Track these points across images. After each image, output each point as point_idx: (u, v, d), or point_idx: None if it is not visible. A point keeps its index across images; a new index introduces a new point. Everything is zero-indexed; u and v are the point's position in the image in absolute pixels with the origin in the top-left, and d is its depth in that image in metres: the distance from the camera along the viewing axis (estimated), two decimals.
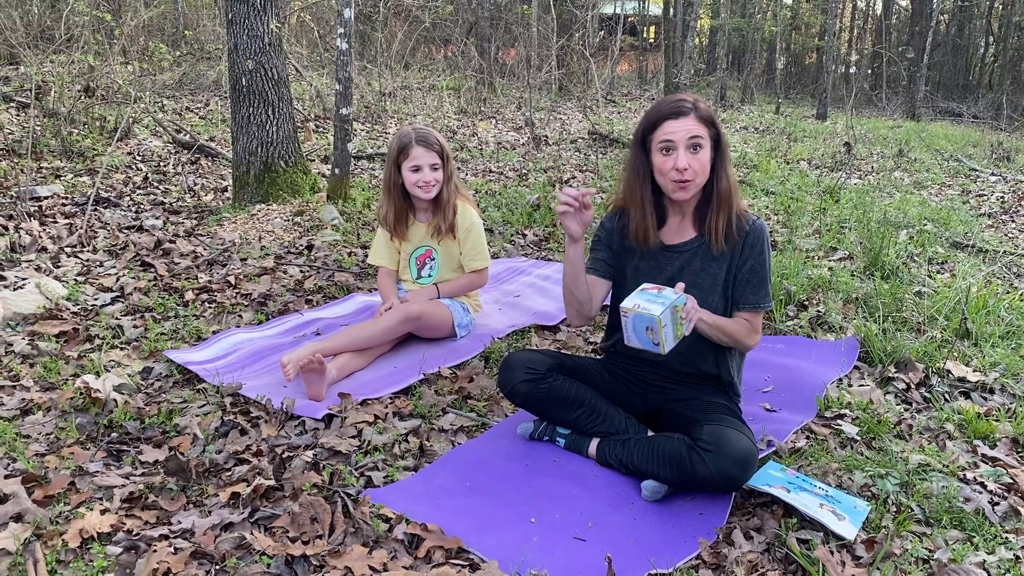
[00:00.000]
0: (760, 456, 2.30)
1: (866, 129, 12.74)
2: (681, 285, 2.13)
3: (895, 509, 2.14)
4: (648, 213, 2.36)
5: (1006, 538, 2.03)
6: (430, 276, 3.39)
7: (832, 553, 1.90)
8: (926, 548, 1.97)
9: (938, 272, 4.36)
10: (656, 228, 2.38)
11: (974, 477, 2.30)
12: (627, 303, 2.07)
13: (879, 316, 3.51)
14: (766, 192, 6.70)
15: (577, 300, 2.39)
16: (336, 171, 5.24)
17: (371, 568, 1.86)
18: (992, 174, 8.52)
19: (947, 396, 2.85)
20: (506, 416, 2.68)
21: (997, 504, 2.18)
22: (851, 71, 25.07)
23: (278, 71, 5.06)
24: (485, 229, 3.82)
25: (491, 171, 7.50)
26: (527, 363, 2.41)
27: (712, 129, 2.26)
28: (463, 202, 3.32)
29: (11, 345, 3.03)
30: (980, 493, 2.21)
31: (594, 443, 2.41)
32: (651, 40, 25.76)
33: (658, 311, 2.01)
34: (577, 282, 2.36)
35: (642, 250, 2.41)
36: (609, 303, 2.53)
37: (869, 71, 24.23)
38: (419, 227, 3.36)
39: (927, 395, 2.86)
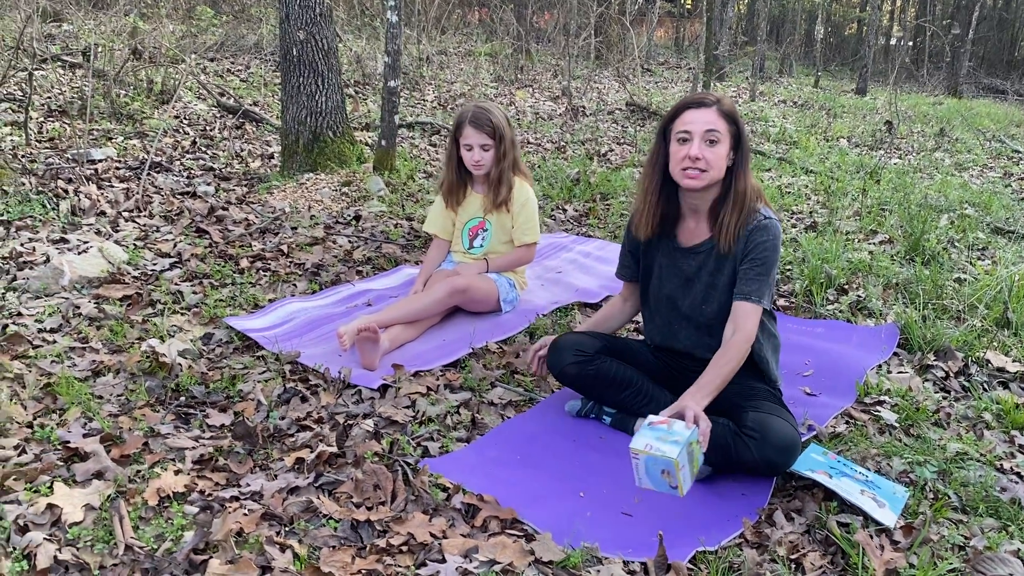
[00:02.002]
0: (802, 439, 2.38)
1: (907, 106, 12.58)
2: (691, 416, 2.02)
3: (932, 496, 2.21)
4: (649, 204, 2.42)
5: None
6: (481, 247, 3.48)
7: (871, 537, 1.98)
8: (962, 535, 2.04)
9: (979, 259, 4.37)
10: (654, 222, 2.43)
11: (1011, 467, 2.37)
12: (637, 444, 1.93)
13: (919, 303, 3.55)
14: (806, 171, 6.69)
15: (614, 328, 2.76)
16: (383, 142, 5.33)
17: (431, 535, 1.97)
18: None
19: (986, 386, 2.91)
20: (553, 392, 2.78)
21: None
22: (892, 44, 24.62)
23: (328, 41, 5.14)
24: None
25: (529, 142, 7.54)
26: (576, 345, 2.51)
27: (733, 126, 2.27)
28: (520, 179, 3.40)
29: (79, 308, 3.16)
30: (1016, 483, 2.27)
31: (640, 421, 2.50)
32: (688, 6, 25.42)
33: (675, 452, 1.88)
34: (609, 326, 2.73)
35: (662, 247, 2.49)
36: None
37: (910, 44, 23.78)
38: (474, 198, 3.46)
39: (966, 384, 2.91)
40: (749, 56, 18.08)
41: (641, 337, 2.88)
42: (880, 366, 3.03)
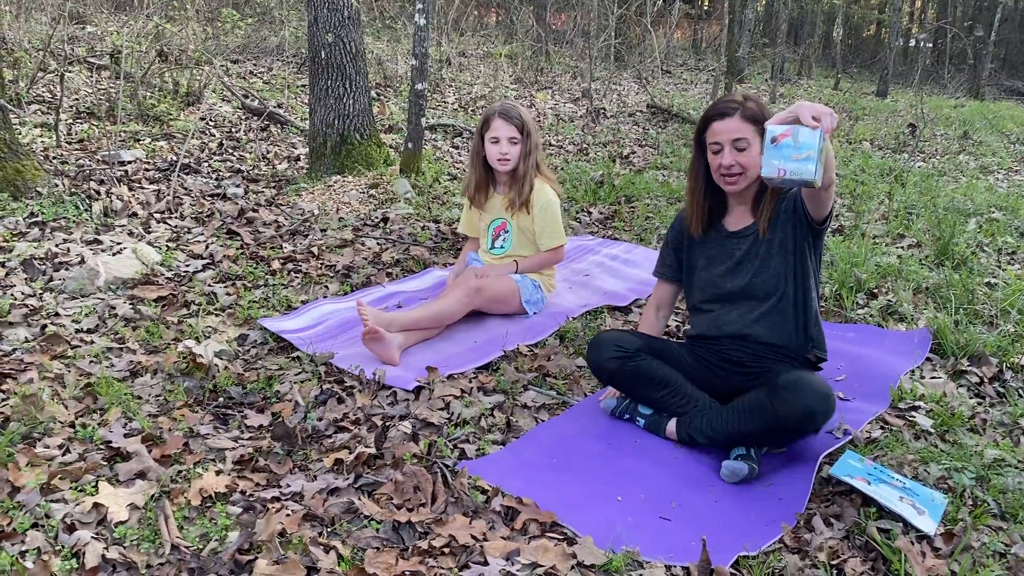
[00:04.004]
0: (837, 445, 2.38)
1: (928, 108, 12.50)
2: (806, 115, 1.98)
3: (971, 503, 2.20)
4: (697, 205, 2.58)
5: None
6: (503, 248, 3.50)
7: (912, 543, 1.98)
8: (1002, 543, 2.03)
9: (1009, 263, 4.35)
10: (704, 220, 2.59)
11: None
12: (767, 172, 1.97)
13: (951, 308, 3.54)
14: None
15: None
16: (409, 145, 5.35)
17: (472, 537, 1.98)
18: None
19: (1021, 391, 2.89)
20: (585, 396, 2.79)
21: None
22: (912, 45, 24.45)
23: (356, 44, 5.18)
24: None
25: (551, 144, 7.55)
26: (617, 341, 2.54)
27: (758, 125, 2.35)
28: (542, 181, 3.42)
29: (114, 308, 3.20)
30: None
31: (672, 422, 2.50)
32: (706, 7, 25.34)
33: (812, 170, 1.91)
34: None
35: (709, 239, 2.61)
36: (684, 295, 2.78)
37: (931, 46, 23.62)
38: (497, 199, 3.50)
39: (1000, 390, 2.90)
40: (768, 58, 18.02)
41: (679, 340, 2.92)
42: (913, 371, 3.02)
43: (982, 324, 3.44)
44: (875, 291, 3.82)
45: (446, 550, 1.93)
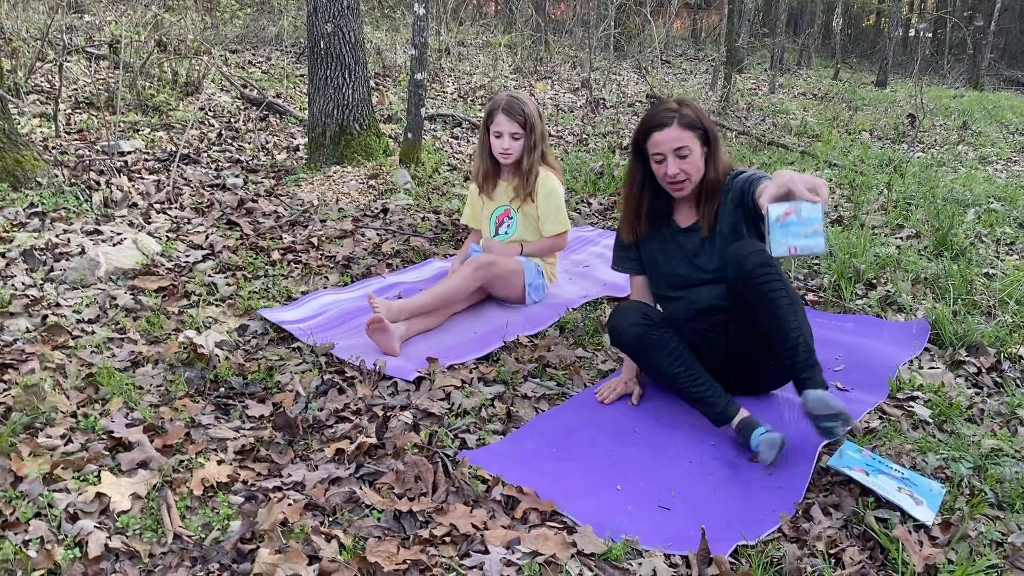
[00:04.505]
0: (837, 437, 2.38)
1: (927, 98, 12.49)
2: (801, 189, 2.02)
3: (969, 492, 2.22)
4: (633, 212, 2.67)
5: None
6: (507, 234, 3.52)
7: (910, 533, 1.99)
8: (999, 531, 2.05)
9: (1007, 254, 4.36)
10: (646, 222, 2.67)
11: None
12: (778, 251, 1.94)
13: (949, 298, 3.55)
14: (829, 164, 6.67)
15: None
16: (409, 135, 5.35)
17: (473, 526, 2.00)
18: None
19: (1019, 382, 2.91)
20: (585, 386, 2.80)
21: None
22: (911, 35, 24.40)
23: (355, 34, 5.17)
24: None
25: (551, 135, 7.54)
26: (642, 310, 2.57)
27: (698, 131, 2.45)
28: (547, 170, 3.42)
29: (115, 299, 3.20)
30: None
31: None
32: None
33: (822, 243, 1.93)
34: None
35: (662, 236, 2.68)
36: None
37: (930, 36, 23.56)
38: (503, 186, 3.51)
39: (998, 380, 2.91)
40: (768, 48, 17.98)
41: None
42: (911, 361, 3.03)
43: (980, 314, 3.45)
44: (874, 282, 3.83)
45: (447, 539, 1.95)
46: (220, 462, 2.24)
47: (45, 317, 3.00)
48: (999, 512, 2.15)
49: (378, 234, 4.19)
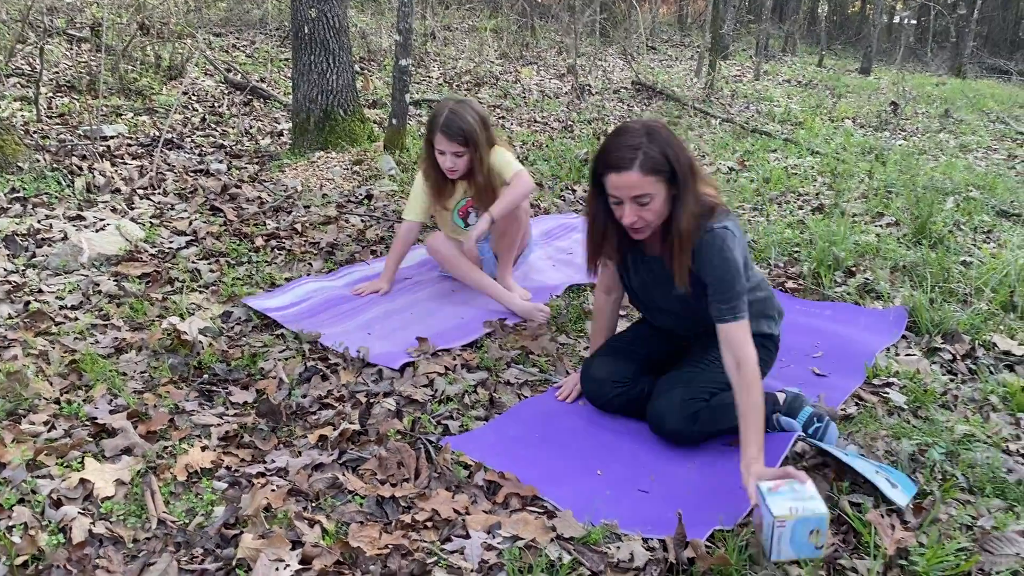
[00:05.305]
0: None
1: (910, 86, 12.55)
2: (774, 476, 2.00)
3: (941, 477, 2.27)
4: (596, 247, 2.36)
5: None
6: (476, 222, 3.44)
7: (882, 517, 2.04)
8: (970, 515, 2.10)
9: (984, 242, 4.41)
10: (598, 262, 2.41)
11: (1017, 449, 2.42)
12: (779, 511, 1.85)
13: (927, 286, 3.60)
14: (812, 152, 6.71)
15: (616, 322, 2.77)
16: (394, 121, 5.35)
17: (455, 511, 2.02)
18: None
19: (992, 369, 2.96)
20: (567, 373, 2.83)
21: None
22: (895, 22, 24.48)
23: (339, 19, 5.15)
24: (536, 183, 3.82)
25: (536, 121, 7.55)
26: (612, 376, 2.50)
27: (663, 173, 2.08)
28: (499, 148, 3.25)
29: (98, 285, 3.20)
30: (1022, 465, 2.33)
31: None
32: None
33: (823, 507, 1.87)
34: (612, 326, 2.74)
35: (630, 258, 2.42)
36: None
37: (914, 23, 23.65)
38: (458, 185, 3.34)
39: (972, 367, 2.96)
40: (753, 34, 18.00)
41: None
42: (888, 348, 3.08)
43: (956, 302, 3.50)
44: (853, 269, 3.87)
45: (429, 524, 1.98)
46: (204, 448, 2.26)
47: (28, 303, 3.00)
48: (970, 496, 2.20)
49: (362, 220, 4.20)
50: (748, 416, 2.10)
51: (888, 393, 2.72)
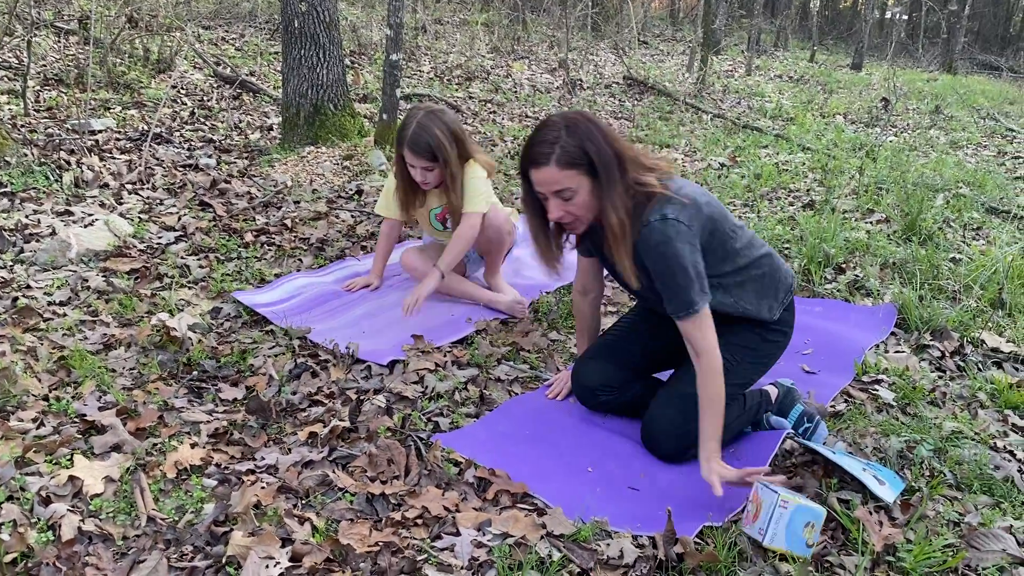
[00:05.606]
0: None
1: (901, 82, 12.58)
2: (750, 483, 2.01)
3: (928, 474, 2.28)
4: (544, 244, 2.29)
5: None
6: (451, 228, 3.34)
7: (870, 513, 2.05)
8: (957, 512, 2.11)
9: (974, 239, 4.43)
10: (552, 259, 2.33)
11: (1004, 446, 2.44)
12: (787, 493, 1.89)
13: (916, 283, 3.61)
14: (803, 148, 6.73)
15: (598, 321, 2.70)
16: (384, 116, 5.33)
17: (445, 508, 2.02)
18: None
19: (980, 366, 2.98)
20: (558, 370, 2.83)
21: None
22: (887, 17, 24.53)
23: (330, 13, 5.13)
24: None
25: (527, 116, 7.54)
26: (601, 382, 2.48)
27: (582, 166, 2.04)
28: (471, 164, 3.13)
29: (87, 281, 3.19)
30: (1009, 462, 2.35)
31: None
32: None
33: (822, 508, 1.92)
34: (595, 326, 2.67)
35: (597, 245, 2.34)
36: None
37: (906, 19, 23.70)
38: (433, 194, 3.25)
39: (961, 364, 2.98)
40: (745, 29, 18.01)
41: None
42: (878, 345, 3.10)
43: (945, 299, 3.52)
44: (843, 266, 3.89)
45: (419, 521, 1.98)
46: (193, 445, 2.25)
47: (15, 299, 2.98)
48: (957, 493, 2.21)
49: (352, 216, 4.19)
50: (706, 409, 2.09)
51: (877, 390, 2.74)
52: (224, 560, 1.79)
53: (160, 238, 3.66)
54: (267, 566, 1.77)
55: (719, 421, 2.08)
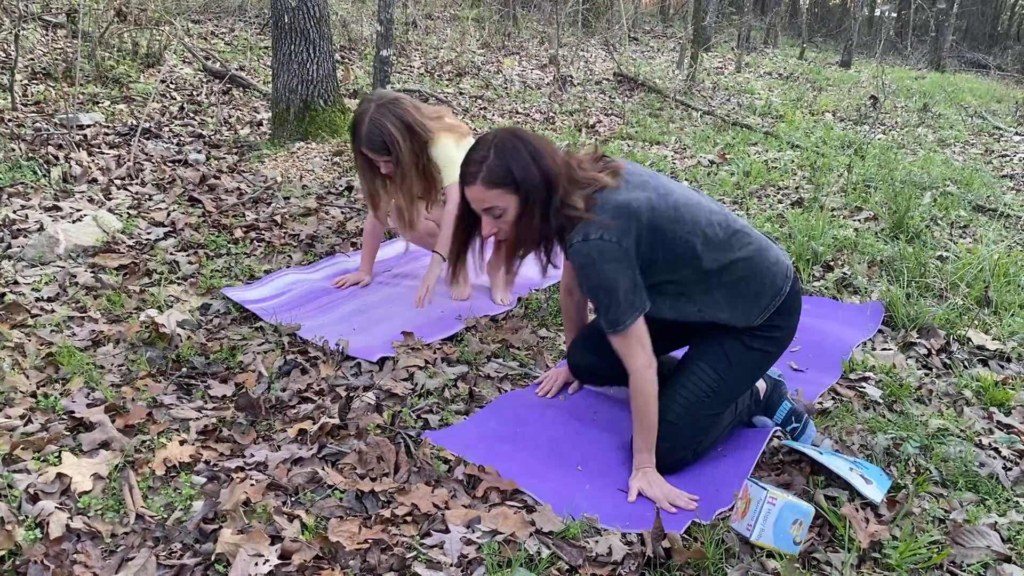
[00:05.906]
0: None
1: (890, 79, 12.62)
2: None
3: (915, 471, 2.30)
4: (455, 255, 2.35)
5: (1017, 502, 2.19)
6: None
7: (857, 510, 2.06)
8: (943, 509, 2.13)
9: (960, 237, 4.46)
10: (456, 275, 2.46)
11: (989, 443, 2.46)
12: (775, 490, 1.93)
13: (903, 281, 3.64)
14: (792, 146, 6.75)
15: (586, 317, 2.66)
16: None
17: (435, 506, 2.03)
18: (1016, 133, 8.52)
19: (966, 363, 3.00)
20: (548, 367, 2.83)
21: (1010, 469, 2.33)
22: (876, 15, 24.61)
23: (320, 9, 5.11)
24: None
25: (517, 112, 7.54)
26: (588, 370, 2.54)
27: (509, 186, 2.03)
28: (436, 138, 3.04)
29: (75, 277, 3.17)
30: (994, 459, 2.37)
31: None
32: None
33: (810, 507, 1.95)
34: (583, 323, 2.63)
35: None
36: None
37: (895, 16, 23.79)
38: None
39: (947, 361, 3.00)
40: (735, 26, 18.04)
41: None
42: (865, 343, 3.11)
43: (932, 297, 3.54)
44: (831, 263, 3.90)
45: (408, 518, 1.98)
46: (182, 442, 2.24)
47: (3, 295, 2.97)
48: (943, 490, 2.23)
49: (342, 212, 4.18)
50: (636, 423, 2.15)
51: (864, 387, 2.75)
52: (213, 558, 1.79)
53: (149, 234, 3.65)
54: (256, 564, 1.77)
55: (649, 435, 2.15)
